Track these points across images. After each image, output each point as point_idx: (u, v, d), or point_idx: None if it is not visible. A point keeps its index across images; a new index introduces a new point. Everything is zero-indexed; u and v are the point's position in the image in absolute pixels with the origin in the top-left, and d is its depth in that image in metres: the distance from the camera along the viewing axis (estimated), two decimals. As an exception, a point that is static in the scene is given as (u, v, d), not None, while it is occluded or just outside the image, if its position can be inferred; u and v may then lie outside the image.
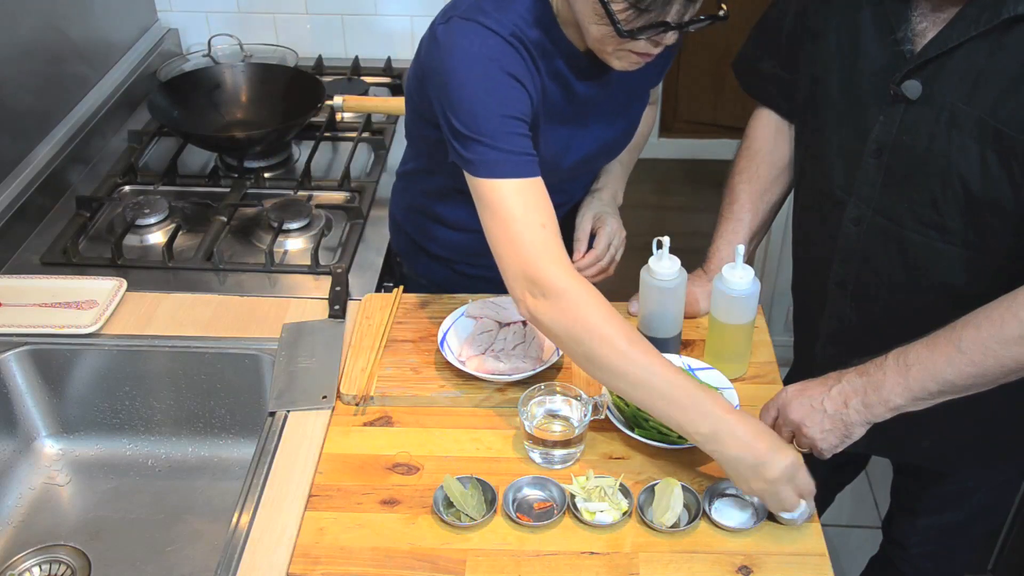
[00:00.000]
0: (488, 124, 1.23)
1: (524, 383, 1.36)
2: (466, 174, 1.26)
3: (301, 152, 2.05)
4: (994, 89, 1.15)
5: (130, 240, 1.74)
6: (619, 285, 1.64)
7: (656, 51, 1.25)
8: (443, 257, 1.62)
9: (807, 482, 1.19)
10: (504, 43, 1.25)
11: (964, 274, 1.26)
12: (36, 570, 1.38)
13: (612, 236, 1.53)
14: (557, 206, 1.52)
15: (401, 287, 1.59)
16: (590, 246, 1.54)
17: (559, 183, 1.50)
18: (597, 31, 1.22)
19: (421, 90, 1.35)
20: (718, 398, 1.21)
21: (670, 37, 1.21)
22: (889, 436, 1.33)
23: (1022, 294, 1.14)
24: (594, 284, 1.54)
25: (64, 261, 1.68)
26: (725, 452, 1.18)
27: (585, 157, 1.47)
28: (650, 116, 1.69)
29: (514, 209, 1.23)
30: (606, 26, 1.19)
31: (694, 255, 1.54)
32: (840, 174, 1.34)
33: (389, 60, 2.36)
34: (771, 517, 1.22)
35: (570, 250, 1.50)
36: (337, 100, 2.05)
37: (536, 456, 1.30)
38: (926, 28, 1.21)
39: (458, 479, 1.24)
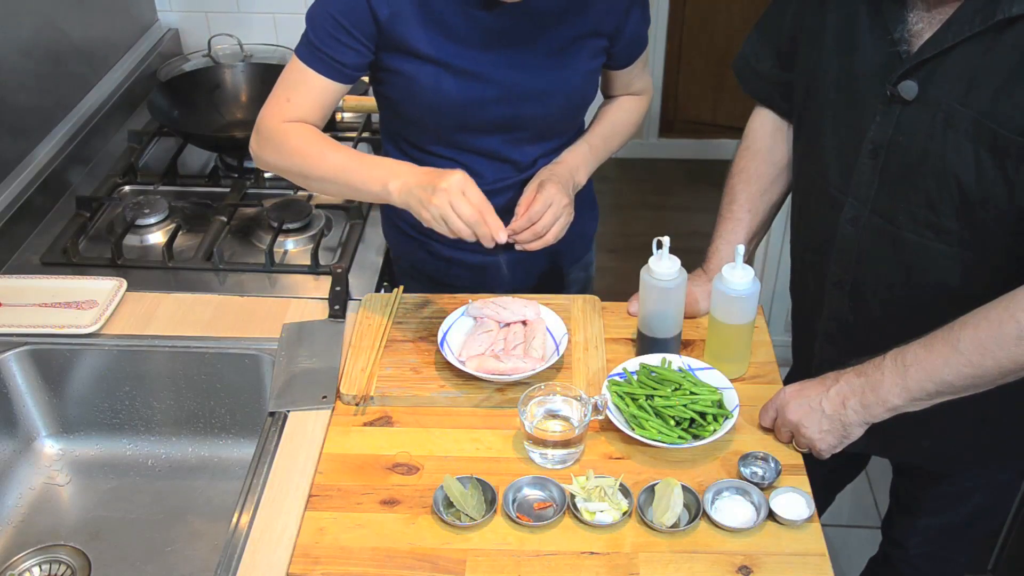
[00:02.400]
0: (316, 14, 1.41)
1: (524, 383, 1.36)
2: None
3: (301, 152, 2.05)
4: (989, 89, 1.15)
5: (130, 240, 1.74)
6: (619, 285, 1.64)
7: None
8: (413, 236, 1.65)
9: (479, 196, 1.30)
10: None
11: (960, 274, 1.26)
12: (36, 570, 1.38)
13: (550, 200, 1.47)
14: (511, 176, 1.58)
15: (401, 287, 1.59)
16: None
17: (502, 139, 1.53)
18: None
19: None
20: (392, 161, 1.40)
21: None
22: (888, 436, 1.33)
23: (1020, 294, 1.14)
24: (582, 277, 1.59)
25: (64, 261, 1.68)
26: (399, 179, 1.33)
27: (510, 94, 1.47)
28: (636, 108, 1.67)
29: (288, 81, 1.44)
30: None
31: (694, 255, 1.54)
32: (836, 174, 1.35)
33: (389, 60, 2.36)
34: (771, 517, 1.22)
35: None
36: (337, 100, 2.05)
37: (536, 456, 1.30)
38: (922, 29, 1.21)
39: (458, 479, 1.24)
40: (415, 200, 1.32)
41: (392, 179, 1.35)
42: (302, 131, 1.43)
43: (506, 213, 1.53)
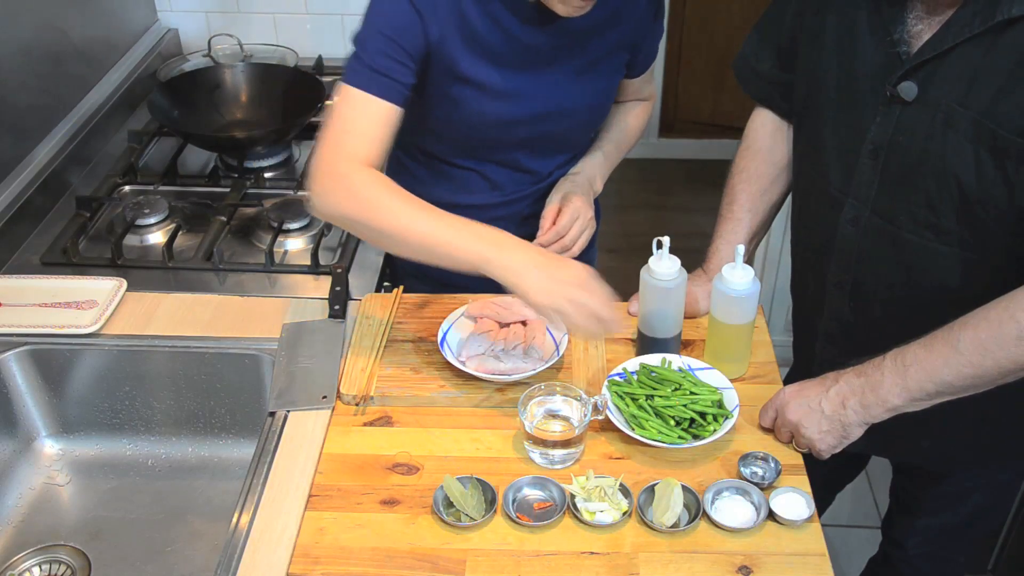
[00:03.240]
0: (367, 37, 1.32)
1: (524, 383, 1.36)
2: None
3: (301, 152, 2.05)
4: (989, 90, 1.15)
5: (130, 240, 1.74)
6: (619, 285, 1.64)
7: None
8: None
9: (604, 293, 1.21)
10: None
11: (960, 274, 1.27)
12: (36, 570, 1.38)
13: (576, 215, 1.52)
14: (530, 185, 1.56)
15: (401, 287, 1.59)
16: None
17: (526, 152, 1.52)
18: None
19: None
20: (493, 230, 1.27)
21: None
22: (888, 436, 1.33)
23: (1019, 295, 1.14)
24: None
25: (64, 261, 1.68)
26: (512, 256, 1.21)
27: (546, 114, 1.47)
28: (643, 113, 1.69)
29: (345, 114, 1.32)
30: None
31: (694, 255, 1.54)
32: (837, 175, 1.35)
33: (389, 60, 2.36)
34: (771, 517, 1.22)
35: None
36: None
37: (536, 456, 1.30)
38: (922, 30, 1.21)
39: (458, 479, 1.24)
40: (529, 287, 1.21)
41: (495, 253, 1.22)
42: (378, 181, 1.30)
43: (522, 221, 1.54)
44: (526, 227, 1.49)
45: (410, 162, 1.60)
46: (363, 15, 1.35)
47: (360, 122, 1.32)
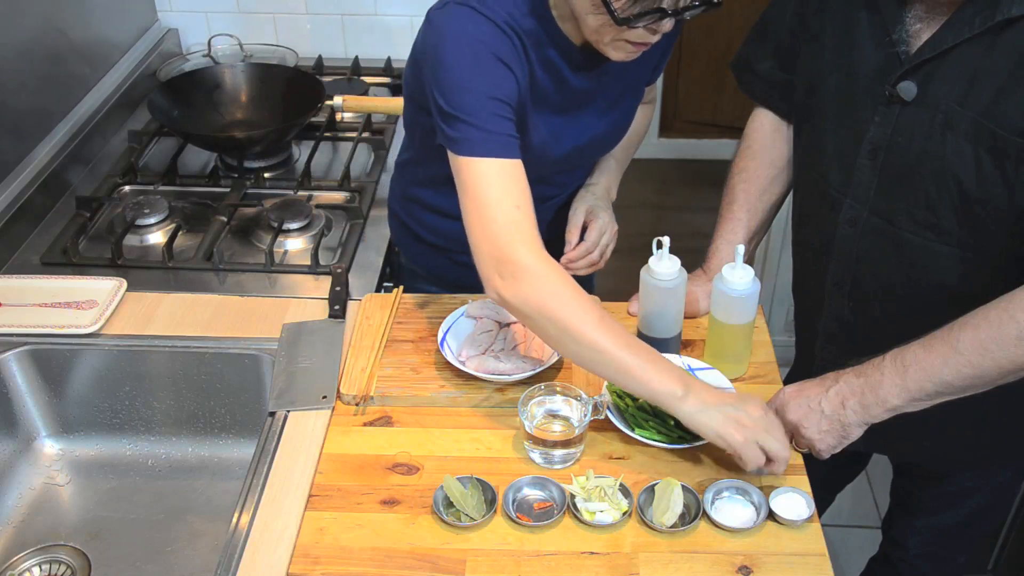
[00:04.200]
0: (473, 104, 1.25)
1: (524, 383, 1.36)
2: (449, 154, 1.28)
3: (301, 152, 2.05)
4: (989, 91, 1.15)
5: (130, 240, 1.74)
6: (619, 285, 1.64)
7: (653, 39, 1.26)
8: (438, 246, 1.63)
9: (780, 432, 1.23)
10: (496, 28, 1.27)
11: (960, 274, 1.27)
12: (36, 570, 1.38)
13: (604, 229, 1.54)
14: (549, 198, 1.55)
15: (401, 287, 1.59)
16: (581, 239, 1.54)
17: (551, 175, 1.52)
18: (594, 20, 1.23)
19: (416, 76, 1.37)
20: (681, 368, 1.27)
21: (666, 24, 1.23)
22: (888, 436, 1.33)
23: (1019, 295, 1.14)
24: (584, 277, 1.55)
25: (64, 261, 1.68)
26: (704, 402, 1.21)
27: (577, 148, 1.48)
28: (646, 115, 1.70)
29: (489, 188, 1.25)
30: (603, 15, 1.21)
31: (694, 255, 1.54)
32: (836, 175, 1.35)
33: (389, 60, 2.36)
34: (771, 517, 1.22)
35: (562, 243, 1.51)
36: (337, 100, 2.05)
37: (536, 456, 1.30)
38: (921, 30, 1.21)
39: (458, 479, 1.24)
40: (720, 434, 1.21)
41: (688, 392, 1.21)
42: (561, 279, 1.23)
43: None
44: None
45: (432, 178, 1.55)
46: (446, 80, 1.26)
47: (515, 192, 1.25)
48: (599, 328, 1.21)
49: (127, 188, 1.91)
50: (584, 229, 1.54)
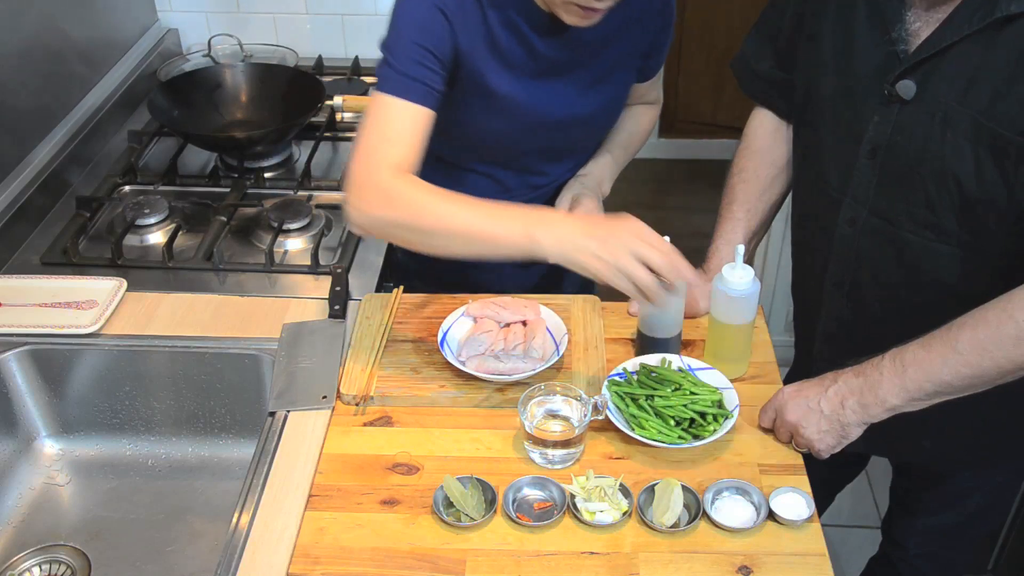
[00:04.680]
0: (398, 46, 1.32)
1: (524, 383, 1.36)
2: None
3: (301, 152, 2.05)
4: (987, 89, 1.15)
5: (130, 240, 1.74)
6: (619, 285, 1.64)
7: (598, 4, 1.27)
8: None
9: (658, 240, 1.17)
10: None
11: (959, 273, 1.27)
12: (36, 570, 1.38)
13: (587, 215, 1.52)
14: (538, 187, 1.56)
15: (401, 287, 1.59)
16: None
17: (537, 157, 1.53)
18: None
19: None
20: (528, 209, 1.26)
21: None
22: (888, 436, 1.33)
23: (1018, 295, 1.14)
24: (584, 277, 1.57)
25: (64, 261, 1.68)
26: (559, 240, 1.18)
27: (559, 122, 1.48)
28: (650, 117, 1.70)
29: (383, 123, 1.31)
30: None
31: (694, 255, 1.54)
32: (835, 174, 1.35)
33: (389, 60, 2.36)
34: (771, 517, 1.22)
35: None
36: (337, 100, 2.05)
37: (536, 456, 1.30)
38: (920, 28, 1.21)
39: (458, 479, 1.24)
40: (584, 254, 1.18)
41: (541, 230, 1.20)
42: (415, 184, 1.29)
43: None
44: None
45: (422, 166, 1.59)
46: (390, 22, 1.35)
47: (396, 129, 1.31)
48: (441, 207, 1.25)
49: (127, 188, 1.91)
50: None
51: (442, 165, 1.56)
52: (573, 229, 1.19)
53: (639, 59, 1.53)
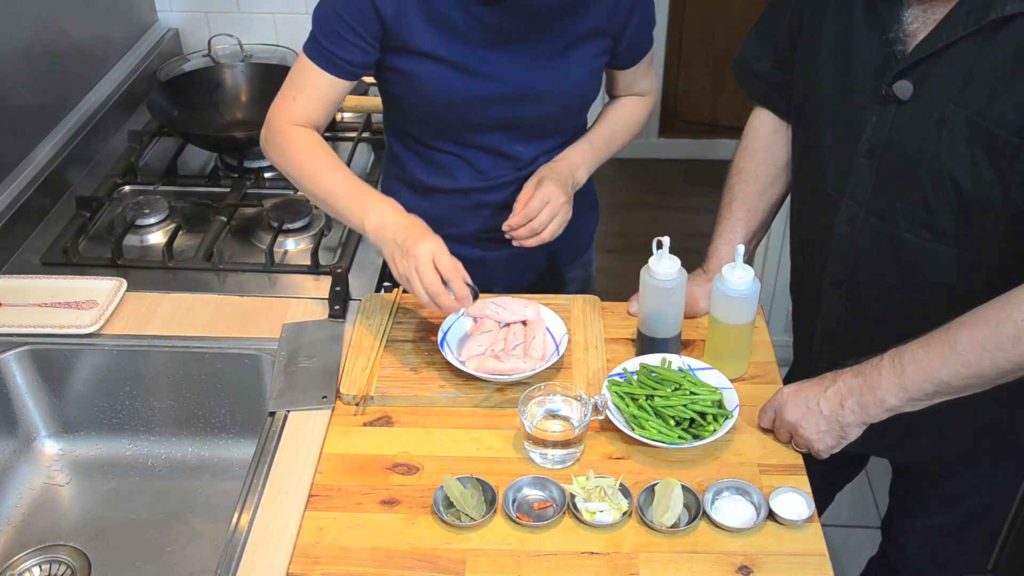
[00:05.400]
0: (324, 13, 1.43)
1: (524, 383, 1.37)
2: None
3: (301, 152, 2.05)
4: (984, 89, 1.15)
5: (130, 240, 1.74)
6: (619, 285, 1.64)
7: None
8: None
9: (448, 264, 1.33)
10: None
11: (956, 273, 1.27)
12: (36, 570, 1.38)
13: (547, 198, 1.48)
14: (515, 171, 1.59)
15: (401, 287, 1.59)
16: None
17: (503, 136, 1.54)
18: None
19: None
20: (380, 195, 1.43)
21: None
22: (887, 437, 1.33)
23: (1017, 294, 1.14)
24: (582, 278, 1.58)
25: (64, 261, 1.68)
26: (382, 221, 1.37)
27: (515, 95, 1.48)
28: (640, 109, 1.68)
29: (296, 79, 1.48)
30: None
31: (694, 255, 1.54)
32: (833, 174, 1.35)
33: (389, 60, 2.36)
34: (771, 517, 1.22)
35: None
36: (337, 100, 2.05)
37: (536, 456, 1.30)
38: (917, 29, 1.21)
39: (458, 479, 1.24)
40: (387, 251, 1.37)
41: (371, 218, 1.38)
42: (306, 140, 1.47)
43: (505, 209, 1.54)
44: (508, 214, 1.50)
45: (397, 146, 1.63)
46: None
47: (305, 91, 1.48)
48: (317, 165, 1.44)
49: (127, 188, 1.91)
50: None
51: (417, 145, 1.59)
52: (391, 228, 1.36)
53: (604, 40, 1.51)
